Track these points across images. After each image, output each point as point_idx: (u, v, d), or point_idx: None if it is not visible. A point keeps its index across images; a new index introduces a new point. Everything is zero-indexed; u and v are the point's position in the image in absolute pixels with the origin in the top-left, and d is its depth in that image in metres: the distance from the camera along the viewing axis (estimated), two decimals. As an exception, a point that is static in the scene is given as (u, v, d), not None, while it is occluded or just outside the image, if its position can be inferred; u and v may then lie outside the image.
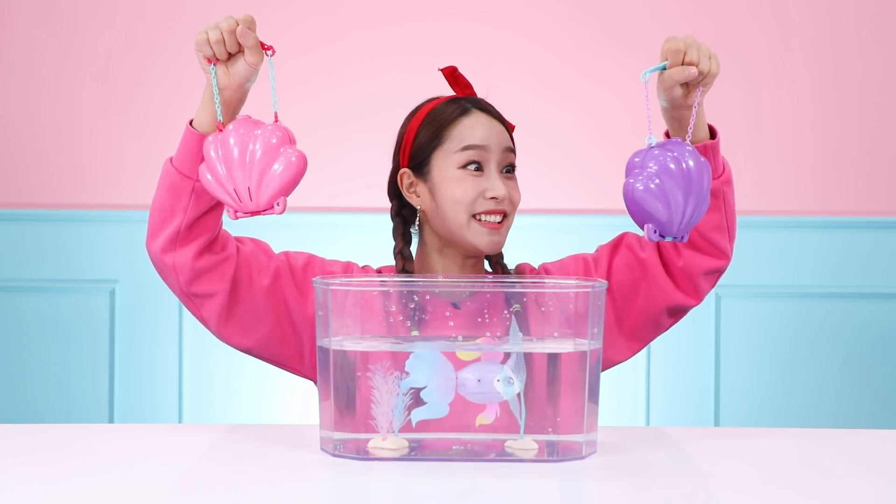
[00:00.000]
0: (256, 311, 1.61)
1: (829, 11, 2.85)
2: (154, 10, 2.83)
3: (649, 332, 1.69)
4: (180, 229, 1.54)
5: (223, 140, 1.43)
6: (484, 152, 1.64)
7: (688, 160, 1.39)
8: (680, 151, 1.40)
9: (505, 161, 1.66)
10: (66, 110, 2.83)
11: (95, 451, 1.36)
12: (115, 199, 2.81)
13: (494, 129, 1.66)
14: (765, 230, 2.73)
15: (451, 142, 1.64)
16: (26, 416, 2.72)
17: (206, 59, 1.47)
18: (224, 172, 1.43)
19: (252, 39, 1.46)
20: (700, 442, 1.44)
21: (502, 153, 1.65)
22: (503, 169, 1.66)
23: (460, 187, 1.62)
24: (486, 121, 1.66)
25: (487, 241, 1.62)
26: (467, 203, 1.62)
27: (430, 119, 1.67)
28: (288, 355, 1.63)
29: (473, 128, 1.65)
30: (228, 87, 1.50)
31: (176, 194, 1.54)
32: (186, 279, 1.57)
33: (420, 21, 2.85)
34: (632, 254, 1.67)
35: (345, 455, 1.30)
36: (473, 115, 1.66)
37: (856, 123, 2.86)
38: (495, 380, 1.28)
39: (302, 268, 1.64)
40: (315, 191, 2.79)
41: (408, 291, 1.35)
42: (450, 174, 1.63)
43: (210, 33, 1.46)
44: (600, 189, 2.80)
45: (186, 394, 2.74)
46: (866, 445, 1.44)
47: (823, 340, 2.75)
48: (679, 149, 1.40)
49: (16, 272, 2.73)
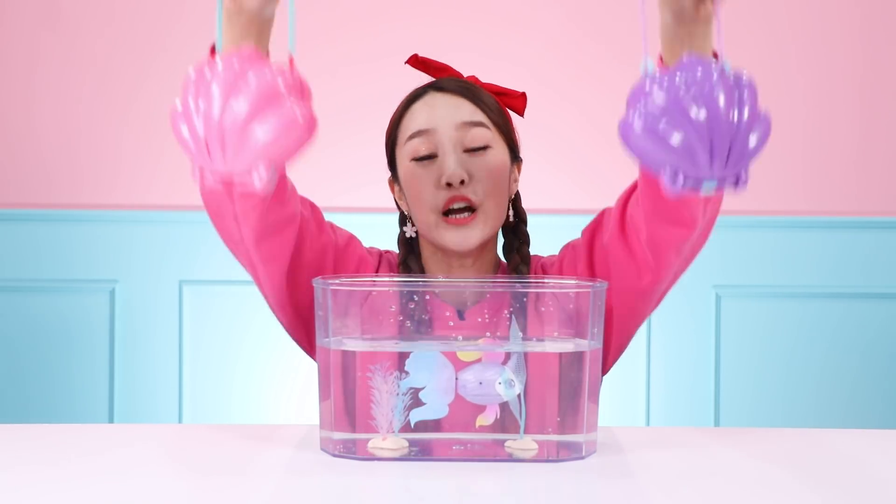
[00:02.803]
0: (308, 275, 1.47)
1: (822, 10, 2.85)
2: (154, 10, 2.83)
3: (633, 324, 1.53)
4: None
5: (211, 68, 1.09)
6: (430, 136, 1.50)
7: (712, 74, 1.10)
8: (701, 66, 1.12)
9: (464, 139, 1.50)
10: (65, 110, 2.83)
11: (95, 451, 1.36)
12: (114, 199, 2.81)
13: (444, 107, 1.51)
14: (765, 230, 2.73)
15: (402, 134, 1.54)
16: (26, 416, 2.72)
17: None
18: (200, 111, 1.06)
19: None
20: (700, 442, 1.44)
21: (457, 130, 1.49)
22: (466, 149, 1.50)
23: (416, 184, 1.50)
24: (434, 100, 1.52)
25: (454, 238, 1.50)
26: (428, 198, 1.49)
27: (392, 119, 1.58)
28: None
29: (418, 112, 1.52)
30: (240, 9, 1.24)
31: None
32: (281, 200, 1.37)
33: (420, 21, 2.84)
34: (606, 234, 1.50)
35: (345, 455, 1.30)
36: (422, 99, 1.54)
37: (854, 123, 2.85)
38: (497, 383, 1.28)
39: (343, 248, 1.54)
40: (315, 191, 2.79)
41: (408, 293, 1.34)
42: (406, 170, 1.53)
43: None
44: (602, 189, 2.80)
45: (186, 394, 2.74)
46: (865, 445, 1.44)
47: (824, 340, 2.75)
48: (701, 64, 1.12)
49: (15, 272, 2.73)
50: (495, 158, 1.52)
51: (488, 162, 1.50)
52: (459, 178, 1.49)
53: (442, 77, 1.58)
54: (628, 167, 1.37)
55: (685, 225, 1.41)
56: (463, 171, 1.49)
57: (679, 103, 1.10)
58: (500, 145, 1.55)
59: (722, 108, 1.09)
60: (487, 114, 1.53)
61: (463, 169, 1.49)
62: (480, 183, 1.50)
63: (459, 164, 1.49)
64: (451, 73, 1.59)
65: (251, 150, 1.05)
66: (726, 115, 1.09)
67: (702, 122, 1.09)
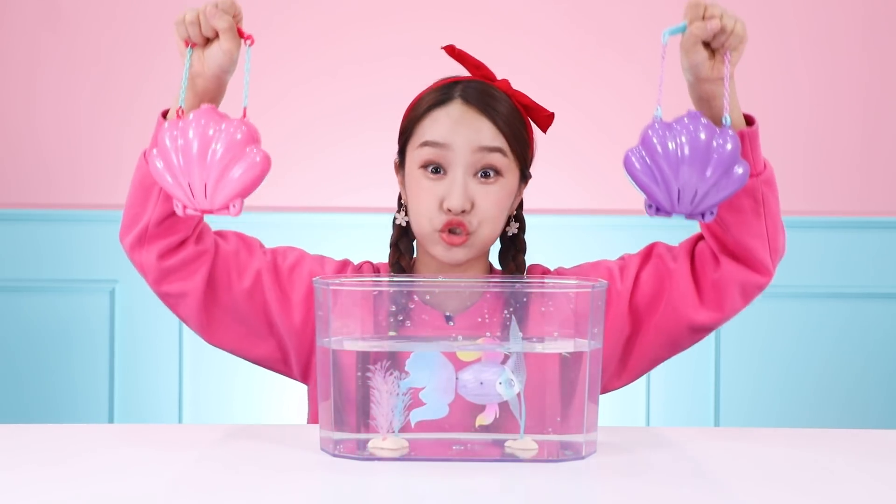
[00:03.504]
0: (237, 313, 1.54)
1: (826, 9, 2.85)
2: (154, 10, 2.83)
3: (665, 352, 1.56)
4: (148, 228, 1.47)
5: (183, 129, 1.32)
6: (444, 152, 1.49)
7: (699, 133, 1.31)
8: (693, 123, 1.32)
9: (480, 163, 1.49)
10: (66, 110, 2.83)
11: (95, 452, 1.36)
12: (115, 199, 2.81)
13: (467, 125, 1.49)
14: (765, 230, 2.73)
15: (417, 135, 1.52)
16: (26, 417, 2.72)
17: (184, 41, 1.39)
18: (179, 165, 1.31)
19: (224, 22, 1.37)
20: (700, 442, 1.44)
21: (473, 154, 1.48)
22: (478, 173, 1.50)
23: (419, 192, 1.50)
24: (459, 114, 1.50)
25: (442, 253, 1.51)
26: (427, 212, 1.50)
27: (414, 105, 1.56)
28: (273, 359, 1.58)
29: (438, 122, 1.50)
30: (202, 74, 1.41)
31: (145, 190, 1.47)
32: (154, 279, 1.50)
33: (420, 21, 2.85)
34: (662, 264, 1.54)
35: (345, 455, 1.30)
36: (449, 106, 1.51)
37: (857, 122, 2.85)
38: (497, 383, 1.27)
39: (288, 269, 1.56)
40: (315, 191, 2.79)
41: (402, 293, 1.34)
42: (412, 172, 1.52)
43: (187, 14, 1.38)
44: (604, 188, 2.80)
45: (186, 394, 2.74)
46: (866, 445, 1.44)
47: (824, 340, 2.75)
48: (693, 121, 1.32)
49: (15, 272, 2.73)
50: (503, 189, 1.51)
51: (496, 192, 1.50)
52: (461, 208, 1.48)
53: (472, 80, 1.55)
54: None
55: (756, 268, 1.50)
56: (467, 202, 1.48)
57: (664, 149, 1.32)
58: (512, 171, 1.53)
59: (691, 161, 1.32)
60: (507, 137, 1.51)
61: (467, 198, 1.49)
62: (481, 212, 1.50)
63: (464, 194, 1.48)
64: (484, 71, 1.56)
65: (229, 191, 1.31)
66: (695, 168, 1.32)
67: (674, 168, 1.32)
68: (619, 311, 1.55)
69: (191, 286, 1.51)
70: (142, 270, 1.51)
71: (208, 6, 1.38)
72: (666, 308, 1.53)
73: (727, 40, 1.36)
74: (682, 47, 1.37)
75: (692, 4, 1.35)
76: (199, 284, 1.51)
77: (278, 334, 1.57)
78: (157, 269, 1.50)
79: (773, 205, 1.47)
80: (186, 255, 1.50)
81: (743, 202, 1.46)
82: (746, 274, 1.50)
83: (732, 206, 1.46)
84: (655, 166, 1.32)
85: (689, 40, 1.36)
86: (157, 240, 1.48)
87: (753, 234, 1.47)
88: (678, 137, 1.32)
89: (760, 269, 1.50)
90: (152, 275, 1.50)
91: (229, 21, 1.38)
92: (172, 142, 1.32)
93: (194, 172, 1.31)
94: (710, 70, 1.38)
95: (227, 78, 1.43)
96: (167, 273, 1.50)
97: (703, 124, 1.32)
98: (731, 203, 1.45)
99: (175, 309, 1.54)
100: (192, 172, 1.31)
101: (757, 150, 1.45)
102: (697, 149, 1.31)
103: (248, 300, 1.54)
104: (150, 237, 1.48)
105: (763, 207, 1.46)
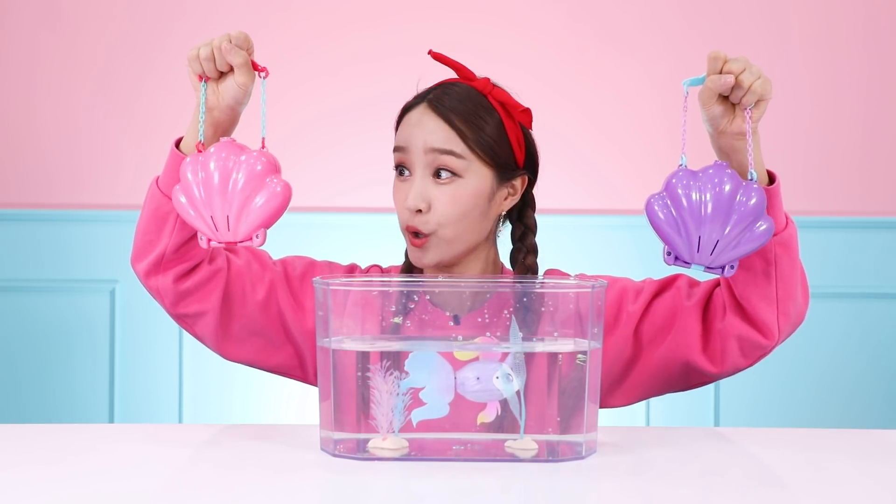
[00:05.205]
0: (253, 325, 1.54)
1: (826, 9, 2.85)
2: (154, 10, 2.83)
3: (659, 386, 1.55)
4: (164, 255, 1.47)
5: (203, 163, 1.34)
6: (404, 154, 1.52)
7: (724, 185, 1.32)
8: (718, 175, 1.32)
9: (433, 164, 1.49)
10: (66, 110, 2.83)
11: (95, 451, 1.36)
12: (115, 199, 2.81)
13: (421, 127, 1.51)
14: (765, 230, 2.72)
15: (395, 139, 1.56)
16: (26, 416, 2.72)
17: (198, 76, 1.41)
18: (202, 198, 1.34)
19: (240, 57, 1.38)
20: (700, 442, 1.44)
21: (426, 155, 1.49)
22: (434, 172, 1.50)
23: (394, 194, 1.54)
24: (418, 117, 1.52)
25: (412, 253, 1.53)
26: (399, 212, 1.53)
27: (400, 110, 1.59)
28: (290, 366, 1.58)
29: (404, 125, 1.54)
30: (217, 107, 1.42)
31: (160, 219, 1.47)
32: (171, 302, 1.51)
33: (420, 21, 2.84)
34: (677, 298, 1.51)
35: (345, 455, 1.30)
36: (414, 110, 1.54)
37: (858, 122, 2.85)
38: (494, 377, 1.28)
39: (300, 277, 1.57)
40: (315, 191, 2.79)
41: (402, 293, 1.34)
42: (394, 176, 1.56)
43: (201, 49, 1.39)
44: (604, 188, 2.80)
45: (186, 394, 2.74)
46: (866, 445, 1.44)
47: (824, 340, 2.75)
48: (718, 173, 1.33)
49: (15, 272, 2.73)
50: (462, 189, 1.50)
51: (452, 193, 1.49)
52: (416, 207, 1.50)
53: (447, 83, 1.56)
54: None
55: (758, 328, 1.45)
56: (421, 201, 1.49)
57: (688, 200, 1.33)
58: (474, 172, 1.51)
59: (714, 215, 1.32)
60: (466, 140, 1.50)
61: (421, 198, 1.50)
62: (437, 213, 1.50)
63: (419, 194, 1.49)
64: (464, 73, 1.56)
65: (252, 222, 1.34)
66: (717, 222, 1.32)
67: (696, 220, 1.33)
68: (626, 331, 1.53)
69: (208, 305, 1.52)
70: (157, 295, 1.52)
71: (223, 42, 1.39)
72: (670, 343, 1.51)
73: (744, 97, 1.34)
74: (699, 99, 1.36)
75: (712, 57, 1.34)
76: (215, 303, 1.52)
77: (294, 341, 1.57)
78: (174, 292, 1.50)
79: (786, 267, 1.43)
80: (202, 276, 1.51)
81: (753, 261, 1.42)
82: (748, 332, 1.46)
83: (743, 263, 1.41)
84: (678, 216, 1.33)
85: (704, 93, 1.35)
86: (174, 265, 1.49)
87: (761, 294, 1.43)
88: (703, 190, 1.32)
89: (763, 330, 1.46)
90: (169, 298, 1.51)
91: (244, 56, 1.39)
92: (194, 175, 1.35)
93: (216, 205, 1.33)
94: (730, 124, 1.37)
95: (241, 109, 1.45)
96: (184, 295, 1.51)
97: (729, 175, 1.33)
98: (742, 260, 1.40)
99: (192, 329, 1.55)
100: (213, 205, 1.34)
101: (777, 208, 1.41)
102: (721, 202, 1.32)
103: (263, 311, 1.55)
104: (167, 263, 1.49)
105: (775, 269, 1.42)
